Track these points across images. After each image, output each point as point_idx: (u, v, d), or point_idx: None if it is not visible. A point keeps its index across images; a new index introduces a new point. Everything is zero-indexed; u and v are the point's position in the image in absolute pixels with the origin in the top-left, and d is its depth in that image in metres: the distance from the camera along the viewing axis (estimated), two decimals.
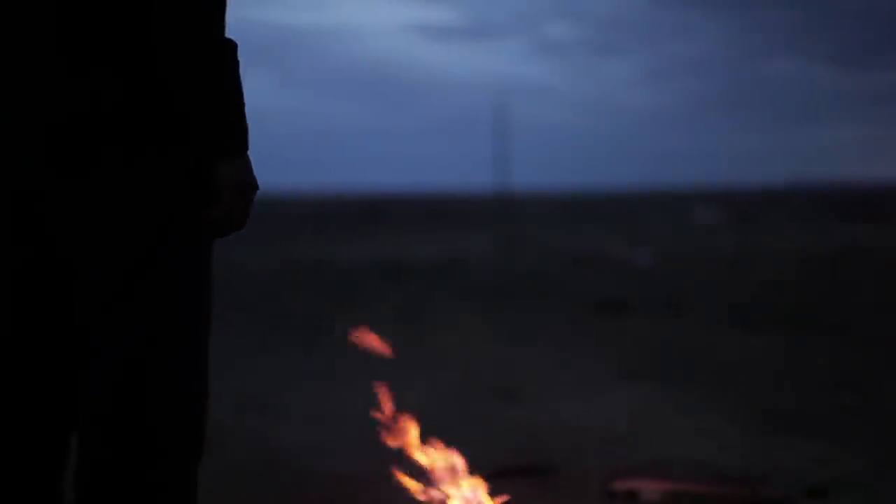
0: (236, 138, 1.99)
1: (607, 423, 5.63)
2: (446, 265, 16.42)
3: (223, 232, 2.05)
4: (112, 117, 1.92)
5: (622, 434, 5.39)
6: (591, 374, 6.92)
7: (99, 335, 1.96)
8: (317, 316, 9.83)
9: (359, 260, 17.71)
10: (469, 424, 5.55)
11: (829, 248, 19.58)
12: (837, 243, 21.38)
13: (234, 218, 2.05)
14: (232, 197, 2.01)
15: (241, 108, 1.99)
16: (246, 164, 2.02)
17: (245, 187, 2.02)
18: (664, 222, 42.13)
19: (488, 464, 4.06)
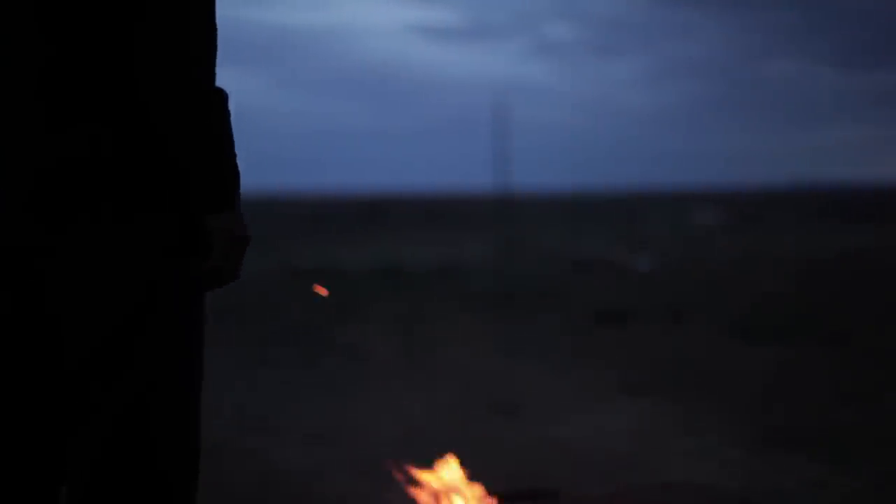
0: (228, 191, 1.96)
1: (607, 442, 5.61)
2: (446, 270, 16.39)
3: (216, 284, 2.03)
4: (100, 173, 1.89)
5: (622, 454, 5.36)
6: (592, 389, 6.90)
7: (95, 391, 1.93)
8: (317, 326, 9.80)
9: (359, 265, 17.68)
10: (468, 443, 5.51)
11: (829, 253, 19.55)
12: (838, 247, 21.35)
13: (227, 271, 2.02)
14: (224, 250, 1.98)
15: (233, 159, 1.96)
16: (237, 217, 1.99)
17: (237, 240, 2.00)
18: (664, 224, 42.10)
19: (487, 485, 4.02)
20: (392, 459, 4.02)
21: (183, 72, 1.88)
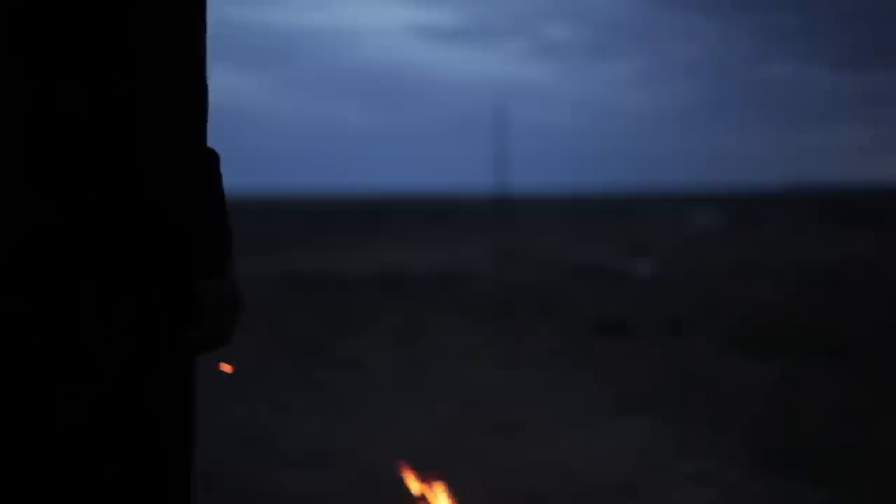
0: (221, 256, 1.93)
1: (607, 464, 5.58)
2: (446, 277, 16.36)
3: (207, 350, 1.99)
4: (85, 245, 1.84)
5: (622, 477, 5.33)
6: (591, 408, 6.87)
7: (81, 460, 1.90)
8: (316, 338, 9.77)
9: (359, 271, 17.64)
10: (467, 464, 5.49)
11: (828, 259, 19.52)
12: (837, 253, 21.32)
13: (219, 337, 1.98)
14: (217, 316, 1.95)
15: (225, 223, 1.93)
16: (231, 282, 1.96)
17: (230, 306, 1.96)
18: (664, 226, 42.05)
19: None
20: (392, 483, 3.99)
21: (179, 135, 1.84)
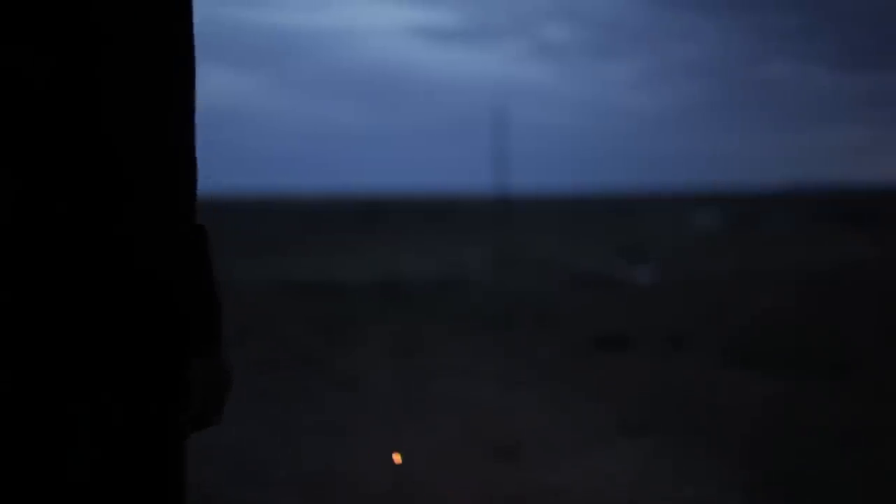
0: (211, 336, 1.89)
1: (607, 490, 5.55)
2: (445, 284, 16.34)
3: (196, 429, 1.96)
4: (78, 322, 1.80)
5: None
6: (591, 428, 6.84)
7: None
8: (315, 351, 9.75)
9: (357, 278, 17.62)
10: (467, 491, 5.47)
11: (828, 263, 19.50)
12: (837, 256, 21.30)
13: (209, 416, 1.95)
14: (206, 396, 1.91)
15: (215, 301, 1.89)
16: (221, 361, 1.92)
17: (220, 385, 1.93)
18: (663, 226, 42.04)
19: None
20: None
21: (175, 213, 1.81)
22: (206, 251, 1.89)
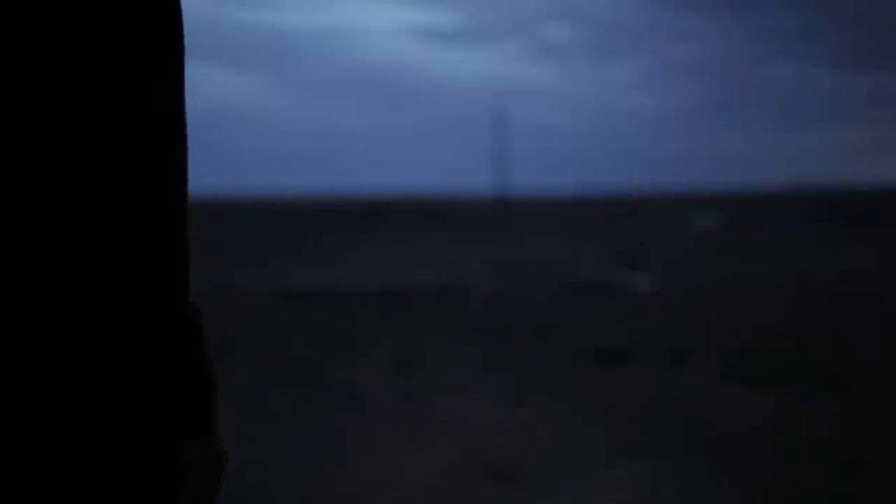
0: (205, 418, 1.87)
1: None
2: (445, 291, 16.33)
3: None
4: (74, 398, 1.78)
5: None
6: (591, 449, 6.82)
7: None
8: (314, 368, 9.72)
9: (357, 285, 17.60)
10: None
11: (829, 273, 19.46)
12: (838, 265, 21.26)
13: (201, 499, 1.93)
14: (199, 478, 1.89)
15: (210, 382, 1.87)
16: (214, 443, 1.90)
17: (213, 467, 1.91)
18: (664, 227, 42.00)
19: None
20: None
21: (170, 291, 1.78)
22: (198, 337, 1.86)
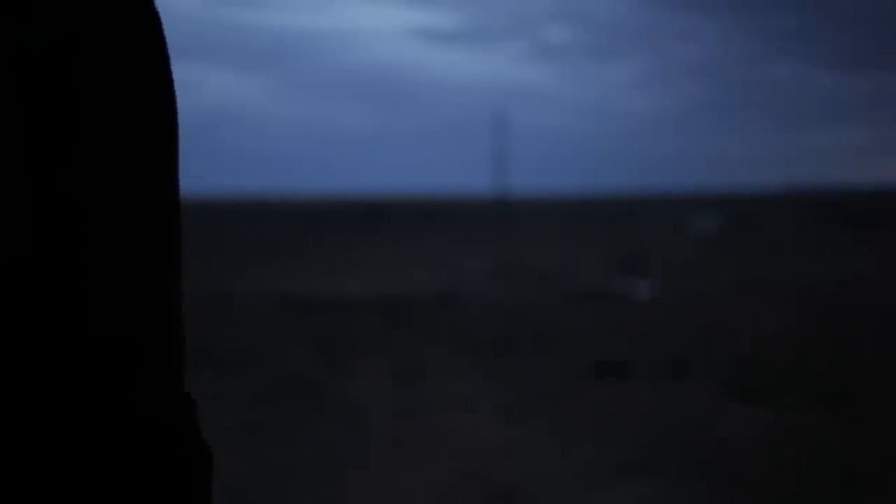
0: (203, 496, 1.82)
1: None
2: (445, 299, 16.30)
3: None
4: None
5: None
6: (591, 468, 6.78)
7: None
8: (313, 381, 9.68)
9: (357, 293, 17.57)
10: None
11: (830, 279, 19.44)
12: (838, 270, 21.23)
13: None
14: None
15: (208, 458, 1.82)
16: None
17: None
18: (664, 229, 41.95)
19: None
20: None
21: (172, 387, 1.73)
22: (195, 403, 1.81)
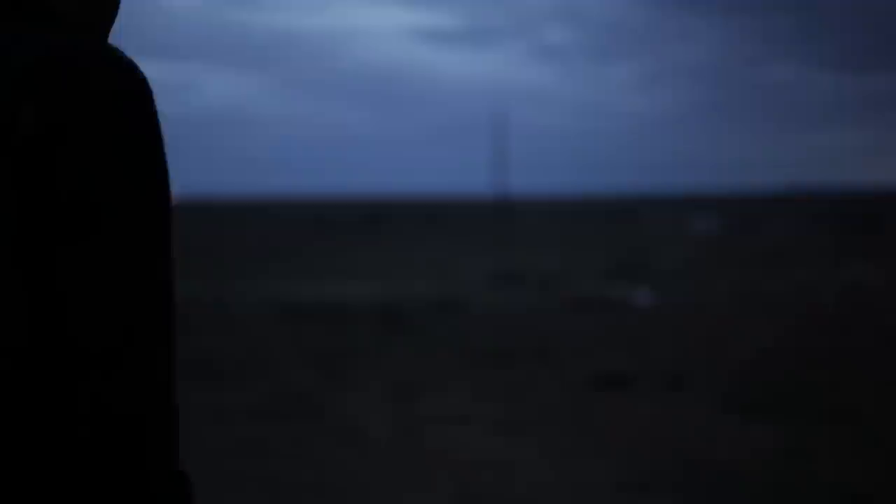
0: None
1: None
2: (445, 307, 16.33)
3: None
4: None
5: None
6: (590, 486, 6.80)
7: None
8: (312, 395, 9.71)
9: (357, 301, 17.59)
10: None
11: (831, 288, 19.45)
12: (839, 277, 21.23)
13: None
14: None
15: None
16: None
17: None
18: (663, 230, 41.97)
19: None
20: None
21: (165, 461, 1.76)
22: (191, 496, 1.84)
